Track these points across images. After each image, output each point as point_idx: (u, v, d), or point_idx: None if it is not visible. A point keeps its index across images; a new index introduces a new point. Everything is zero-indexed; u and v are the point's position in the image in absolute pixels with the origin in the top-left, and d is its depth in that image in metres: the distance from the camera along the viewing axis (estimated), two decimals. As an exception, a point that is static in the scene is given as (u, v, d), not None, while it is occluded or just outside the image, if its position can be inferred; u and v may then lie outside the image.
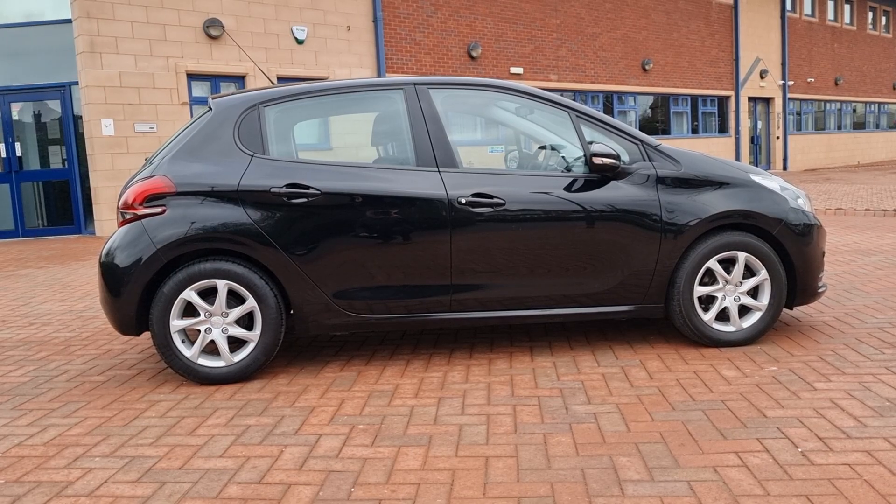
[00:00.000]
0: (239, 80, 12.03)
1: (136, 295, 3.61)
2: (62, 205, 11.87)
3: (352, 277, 3.71)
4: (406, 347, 4.27)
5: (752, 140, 23.36)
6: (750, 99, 22.95)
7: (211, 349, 3.73)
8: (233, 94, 3.92)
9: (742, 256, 3.92)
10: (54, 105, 11.60)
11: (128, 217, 3.68)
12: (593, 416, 3.07)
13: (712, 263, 3.91)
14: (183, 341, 3.68)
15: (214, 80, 11.78)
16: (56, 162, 11.72)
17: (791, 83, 24.35)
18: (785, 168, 24.20)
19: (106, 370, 4.08)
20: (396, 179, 3.73)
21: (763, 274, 3.95)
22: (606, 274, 3.85)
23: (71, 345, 4.70)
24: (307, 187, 3.66)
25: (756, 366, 3.65)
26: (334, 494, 2.46)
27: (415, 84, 3.91)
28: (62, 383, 3.87)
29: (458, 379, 3.65)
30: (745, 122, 22.73)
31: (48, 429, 3.18)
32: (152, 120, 11.07)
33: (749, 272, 3.99)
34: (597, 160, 3.71)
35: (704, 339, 3.97)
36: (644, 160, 3.90)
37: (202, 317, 3.66)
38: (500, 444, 2.82)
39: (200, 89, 11.68)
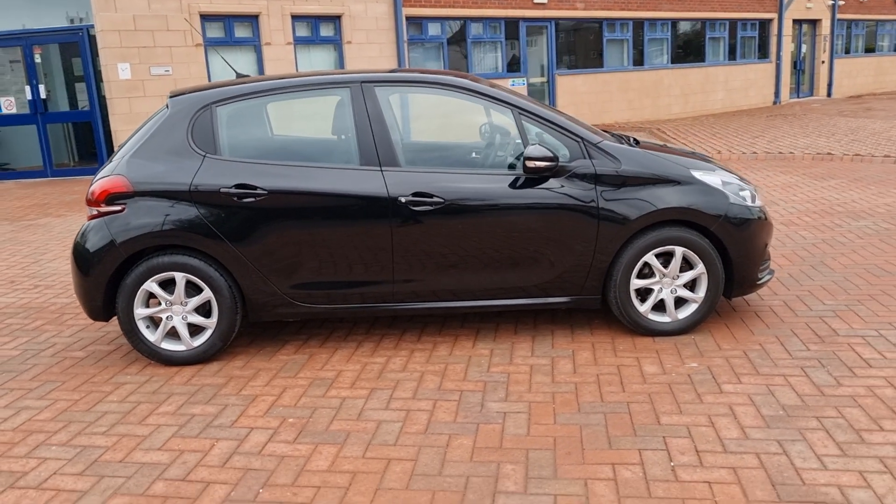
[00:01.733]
0: (252, 18, 12.06)
1: (103, 286, 3.93)
2: (88, 146, 12.30)
3: (300, 271, 3.96)
4: (362, 327, 4.55)
5: (794, 65, 22.41)
6: (795, 21, 21.87)
7: (175, 333, 4.07)
8: (189, 91, 4.10)
9: (679, 251, 4.04)
10: (75, 48, 11.85)
11: (93, 213, 3.96)
12: (502, 416, 3.33)
13: (649, 258, 4.05)
14: (147, 327, 4.02)
15: (228, 19, 11.84)
16: (84, 102, 12.07)
17: (842, 2, 23.05)
18: (829, 94, 23.25)
19: (88, 344, 4.47)
20: (340, 178, 3.92)
21: (700, 268, 4.07)
22: (543, 268, 4.02)
23: (65, 313, 5.11)
24: (255, 187, 3.88)
25: (679, 361, 3.83)
26: (243, 495, 2.79)
27: (361, 82, 4.03)
28: (46, 359, 4.28)
29: (397, 367, 3.93)
30: (788, 47, 21.75)
31: (21, 412, 3.59)
32: (167, 63, 11.26)
33: (687, 265, 4.12)
34: (529, 164, 3.82)
35: (640, 329, 4.15)
36: (584, 158, 3.99)
37: (163, 305, 3.98)
38: (407, 446, 3.10)
39: (215, 30, 11.76)
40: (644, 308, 4.11)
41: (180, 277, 3.93)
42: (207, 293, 3.96)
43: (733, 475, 2.77)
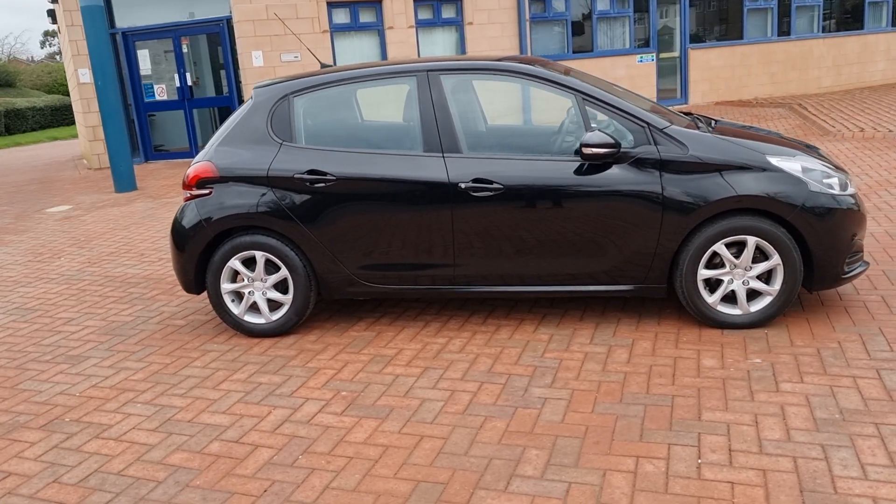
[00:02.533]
0: (376, 4, 12.44)
1: (194, 262, 4.34)
2: (227, 128, 13.26)
3: (367, 253, 4.17)
4: (433, 308, 4.70)
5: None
6: (977, -20, 19.42)
7: (257, 307, 4.42)
8: (271, 83, 4.39)
9: (752, 241, 3.86)
10: (219, 38, 12.78)
11: (187, 196, 4.37)
12: (542, 402, 3.37)
13: (718, 247, 3.89)
14: (233, 300, 4.39)
15: (353, 6, 12.29)
16: (227, 88, 13.03)
17: None
18: None
19: (189, 314, 4.94)
20: (404, 165, 4.06)
21: (775, 259, 3.87)
22: (605, 255, 3.98)
23: (178, 284, 5.65)
24: (325, 173, 4.11)
25: (742, 355, 3.68)
26: (284, 459, 3.04)
27: (427, 71, 4.15)
28: (152, 325, 4.78)
29: (455, 347, 4.06)
30: (968, 9, 19.37)
31: (121, 372, 4.06)
32: (296, 49, 11.89)
33: (763, 255, 3.92)
34: (586, 150, 3.78)
35: (708, 321, 4.01)
36: (649, 144, 3.89)
37: (245, 282, 4.33)
38: (442, 424, 3.23)
39: (341, 16, 12.25)
40: (712, 299, 3.97)
41: (260, 256, 4.25)
42: (284, 271, 4.26)
43: (761, 477, 2.67)
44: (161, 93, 13.03)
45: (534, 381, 3.59)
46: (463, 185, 3.98)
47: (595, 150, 3.77)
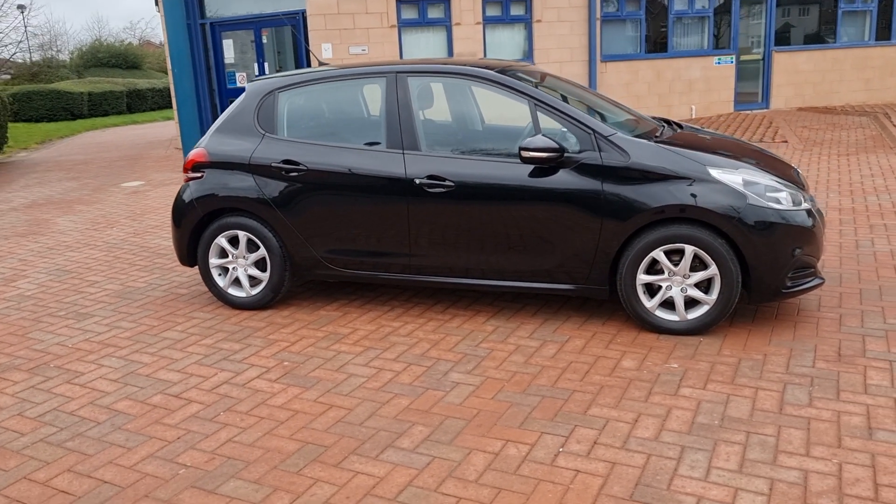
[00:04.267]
0: (445, 0, 12.75)
1: (187, 237, 4.84)
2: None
3: (332, 238, 4.52)
4: (404, 294, 5.01)
5: None
6: None
7: (239, 282, 4.86)
8: (264, 78, 4.81)
9: (689, 249, 3.94)
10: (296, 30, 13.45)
11: (186, 177, 4.87)
12: (453, 386, 3.62)
13: (657, 254, 3.99)
14: (220, 274, 4.86)
15: (422, 2, 12.65)
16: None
17: None
18: None
19: (193, 286, 5.47)
20: (367, 159, 4.39)
21: (713, 269, 3.93)
22: (546, 254, 4.16)
23: (198, 258, 6.21)
24: (297, 163, 4.49)
25: (663, 360, 3.79)
26: (207, 414, 3.44)
27: (396, 73, 4.44)
28: (158, 292, 5.33)
29: (405, 332, 4.35)
30: None
31: (112, 329, 4.60)
32: (364, 43, 12.39)
33: (703, 264, 3.99)
34: (524, 153, 3.97)
35: (646, 325, 4.12)
36: (593, 150, 4.03)
37: (230, 258, 4.79)
38: (354, 398, 3.54)
39: (409, 12, 12.65)
40: (651, 304, 4.07)
41: (242, 236, 4.69)
42: (263, 251, 4.68)
43: (608, 469, 2.83)
44: (241, 80, 13.87)
45: (457, 367, 3.84)
46: (418, 181, 4.26)
47: (533, 154, 3.96)
